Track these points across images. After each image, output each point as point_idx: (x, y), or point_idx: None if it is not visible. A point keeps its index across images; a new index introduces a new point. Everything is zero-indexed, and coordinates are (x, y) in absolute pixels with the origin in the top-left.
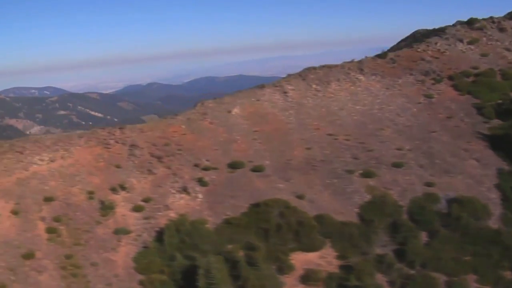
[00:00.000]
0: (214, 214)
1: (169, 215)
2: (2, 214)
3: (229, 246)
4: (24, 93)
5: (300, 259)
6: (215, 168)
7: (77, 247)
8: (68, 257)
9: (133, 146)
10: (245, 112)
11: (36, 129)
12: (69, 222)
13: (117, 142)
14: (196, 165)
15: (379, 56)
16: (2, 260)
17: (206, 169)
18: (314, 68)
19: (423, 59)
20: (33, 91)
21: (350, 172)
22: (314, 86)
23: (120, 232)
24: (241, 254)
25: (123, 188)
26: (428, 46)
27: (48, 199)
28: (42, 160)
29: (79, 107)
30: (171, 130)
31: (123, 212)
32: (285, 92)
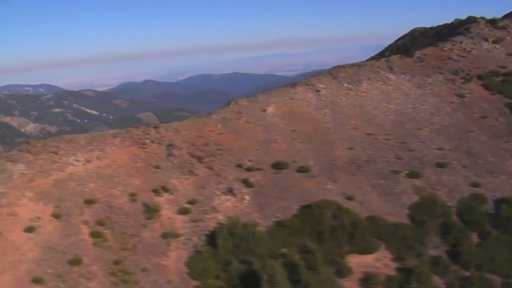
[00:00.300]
0: (264, 216)
1: (217, 218)
2: (43, 218)
3: (284, 250)
4: (19, 91)
5: (357, 262)
6: (259, 169)
7: (124, 252)
8: (116, 262)
9: (170, 146)
10: (280, 111)
11: (31, 126)
12: (113, 226)
13: (153, 142)
14: (239, 166)
15: (406, 54)
16: (49, 267)
17: (249, 169)
18: (344, 66)
19: (450, 58)
20: (27, 88)
21: (396, 172)
22: (345, 84)
23: (169, 236)
24: (297, 257)
25: (165, 189)
26: (453, 45)
27: (89, 202)
28: (77, 160)
29: (74, 104)
30: (207, 130)
31: (169, 215)
32: (318, 91)
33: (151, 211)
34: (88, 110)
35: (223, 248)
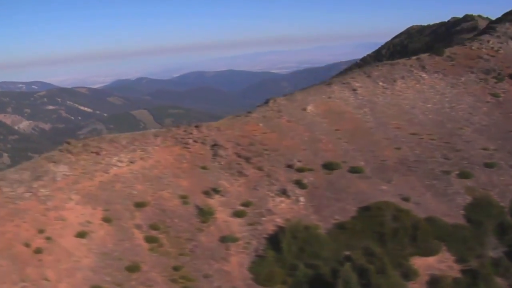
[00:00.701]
0: (322, 218)
1: (275, 220)
2: (94, 222)
3: (347, 253)
4: (12, 88)
5: (421, 264)
6: (310, 169)
7: (183, 257)
8: (176, 268)
9: (216, 146)
10: (319, 110)
11: (24, 124)
12: (168, 230)
13: (195, 141)
14: (289, 166)
15: (435, 53)
16: (107, 274)
17: (301, 170)
18: (377, 65)
19: (480, 57)
20: (20, 85)
21: (447, 173)
22: (380, 83)
23: (228, 240)
24: (365, 261)
25: (216, 191)
26: (481, 44)
27: (139, 205)
28: (121, 161)
29: (68, 102)
30: (250, 129)
31: (224, 218)
32: (354, 90)
33: (205, 214)
34: (82, 108)
35: (287, 252)
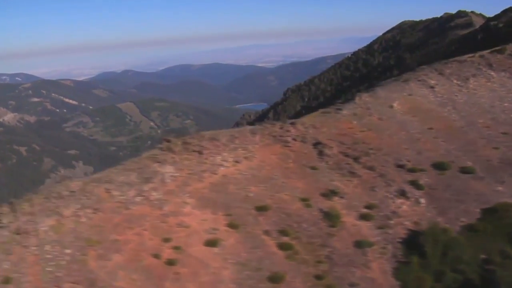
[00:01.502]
0: (448, 220)
1: (403, 223)
2: (219, 229)
3: (483, 256)
4: None
5: None
6: (422, 170)
7: (322, 265)
8: (319, 277)
9: (318, 144)
10: (405, 107)
11: (9, 116)
12: (298, 236)
13: (295, 139)
14: (399, 166)
15: (497, 51)
16: (250, 287)
17: (412, 170)
18: (446, 62)
19: None
20: (4, 77)
21: None
22: (454, 81)
23: (364, 245)
24: None
25: (334, 193)
26: None
27: (261, 209)
28: (226, 161)
29: (53, 94)
30: (345, 127)
31: (352, 222)
32: (432, 87)
33: (332, 218)
34: (67, 100)
35: (432, 257)
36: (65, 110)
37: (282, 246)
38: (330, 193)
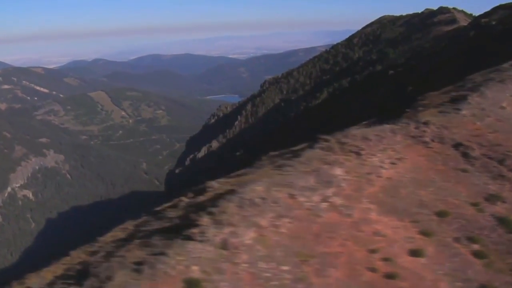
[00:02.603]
0: None
1: None
2: (414, 237)
3: None
4: None
5: None
6: None
7: None
8: None
9: (459, 145)
10: None
11: None
12: (485, 243)
13: (433, 140)
14: None
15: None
16: None
17: None
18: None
19: None
20: None
21: None
22: None
23: None
24: None
25: (495, 197)
26: None
27: (441, 214)
28: (383, 162)
29: (23, 81)
30: (472, 128)
31: None
32: None
33: (509, 223)
34: (38, 88)
35: None
36: (35, 98)
37: (477, 254)
38: (491, 198)
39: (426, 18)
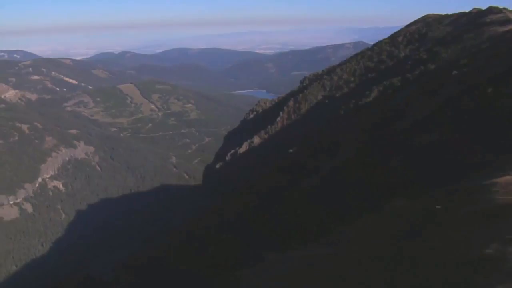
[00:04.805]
0: None
1: None
2: None
3: None
4: None
5: None
6: None
7: None
8: None
9: None
10: None
11: (11, 93)
12: None
13: None
14: None
15: None
16: None
17: None
18: None
19: None
20: (2, 54)
21: None
22: None
23: None
24: None
25: None
26: None
27: None
28: None
29: (53, 72)
30: None
31: None
32: None
33: None
34: (67, 79)
35: None
36: (65, 89)
37: None
38: None
39: (476, 18)
